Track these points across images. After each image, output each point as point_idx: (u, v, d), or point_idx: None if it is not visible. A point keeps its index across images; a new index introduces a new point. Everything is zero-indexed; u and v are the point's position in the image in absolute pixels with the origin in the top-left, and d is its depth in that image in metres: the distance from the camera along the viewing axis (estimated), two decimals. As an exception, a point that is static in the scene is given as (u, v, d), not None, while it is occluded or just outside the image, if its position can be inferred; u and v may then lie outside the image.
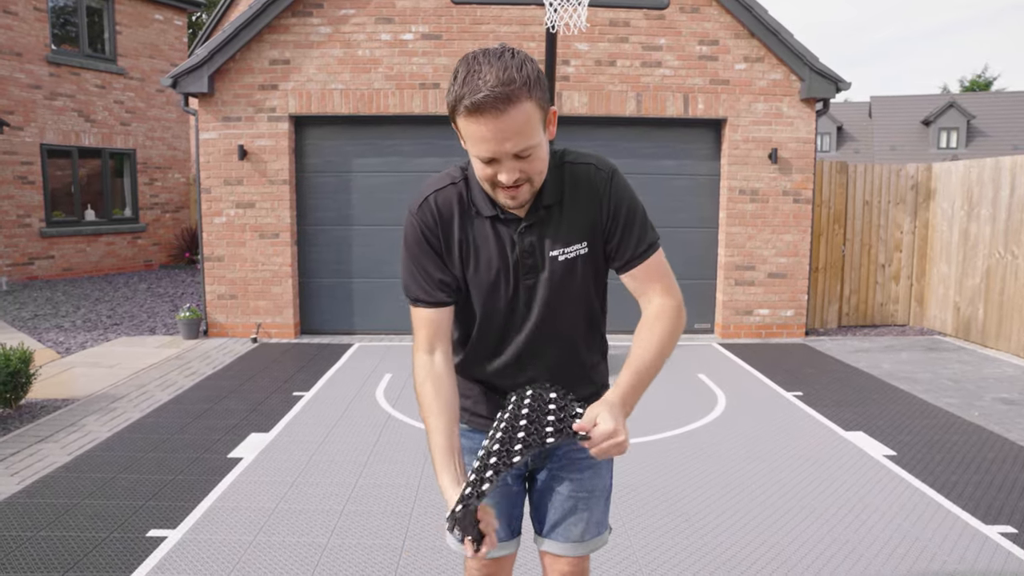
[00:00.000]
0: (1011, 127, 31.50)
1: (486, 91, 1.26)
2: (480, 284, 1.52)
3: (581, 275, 1.51)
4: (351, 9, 6.99)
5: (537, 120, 1.34)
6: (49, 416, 4.70)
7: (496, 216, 1.48)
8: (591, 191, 1.48)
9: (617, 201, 1.48)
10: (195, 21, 24.98)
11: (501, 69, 1.27)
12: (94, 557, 2.88)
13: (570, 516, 1.62)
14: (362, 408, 4.93)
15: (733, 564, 2.88)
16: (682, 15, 7.07)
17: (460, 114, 1.32)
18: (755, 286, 7.37)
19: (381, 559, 2.91)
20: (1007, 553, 2.96)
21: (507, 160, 1.34)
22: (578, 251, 1.49)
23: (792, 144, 7.23)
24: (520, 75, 1.29)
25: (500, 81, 1.27)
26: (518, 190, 1.39)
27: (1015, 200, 6.62)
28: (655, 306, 1.50)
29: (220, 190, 7.11)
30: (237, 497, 3.48)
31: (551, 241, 1.48)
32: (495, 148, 1.32)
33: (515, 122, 1.29)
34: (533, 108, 1.32)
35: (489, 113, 1.28)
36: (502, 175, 1.35)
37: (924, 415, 4.87)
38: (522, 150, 1.33)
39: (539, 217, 1.48)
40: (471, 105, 1.28)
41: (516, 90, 1.28)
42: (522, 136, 1.31)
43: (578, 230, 1.49)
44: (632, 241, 1.49)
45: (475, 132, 1.31)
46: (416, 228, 1.50)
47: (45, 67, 11.00)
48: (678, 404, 5.05)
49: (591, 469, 1.62)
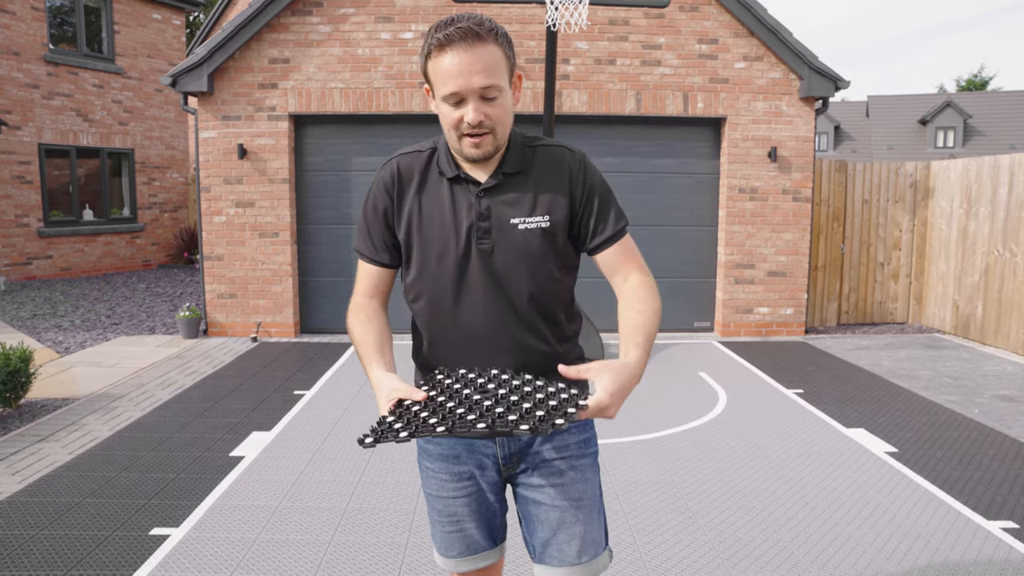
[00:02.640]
0: (1008, 126, 31.57)
1: (457, 26, 1.34)
2: (433, 243, 1.49)
3: (540, 249, 1.47)
4: (351, 8, 6.98)
5: (504, 67, 1.39)
6: (49, 415, 4.69)
7: (457, 176, 1.48)
8: (561, 170, 1.49)
9: (591, 183, 1.50)
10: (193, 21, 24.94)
11: (472, 17, 1.37)
12: (97, 555, 2.88)
13: (560, 531, 1.51)
14: (363, 406, 4.93)
15: (736, 560, 2.88)
16: (682, 14, 7.07)
17: (432, 55, 1.37)
18: (755, 284, 7.37)
19: (384, 557, 2.91)
20: (1009, 548, 2.97)
21: (473, 99, 1.36)
22: (539, 223, 1.47)
23: (791, 143, 7.23)
24: (489, 23, 1.37)
25: (472, 21, 1.35)
26: (482, 139, 1.40)
27: (1013, 198, 6.64)
28: (635, 280, 1.50)
29: (220, 189, 7.10)
30: (239, 495, 3.47)
31: (511, 208, 1.47)
32: (462, 83, 1.34)
33: (482, 59, 1.34)
34: (500, 55, 1.38)
35: (459, 45, 1.33)
36: (468, 115, 1.37)
37: (924, 412, 4.88)
38: (488, 88, 1.36)
39: (500, 182, 1.48)
40: (443, 38, 1.34)
41: (486, 32, 1.36)
42: (490, 73, 1.35)
43: (543, 204, 1.48)
44: (609, 221, 1.50)
45: (444, 68, 1.35)
46: (374, 187, 1.55)
47: (43, 66, 10.98)
48: (679, 402, 5.06)
49: (573, 471, 1.53)
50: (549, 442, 1.54)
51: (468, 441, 1.56)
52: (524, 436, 1.43)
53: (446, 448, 1.58)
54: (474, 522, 1.59)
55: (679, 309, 7.57)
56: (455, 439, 1.55)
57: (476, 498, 1.58)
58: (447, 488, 1.58)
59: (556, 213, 1.48)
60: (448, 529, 1.60)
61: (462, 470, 1.57)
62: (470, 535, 1.60)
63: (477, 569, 1.63)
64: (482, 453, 1.56)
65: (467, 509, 1.58)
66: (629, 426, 4.52)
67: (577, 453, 1.55)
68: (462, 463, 1.57)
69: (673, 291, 7.52)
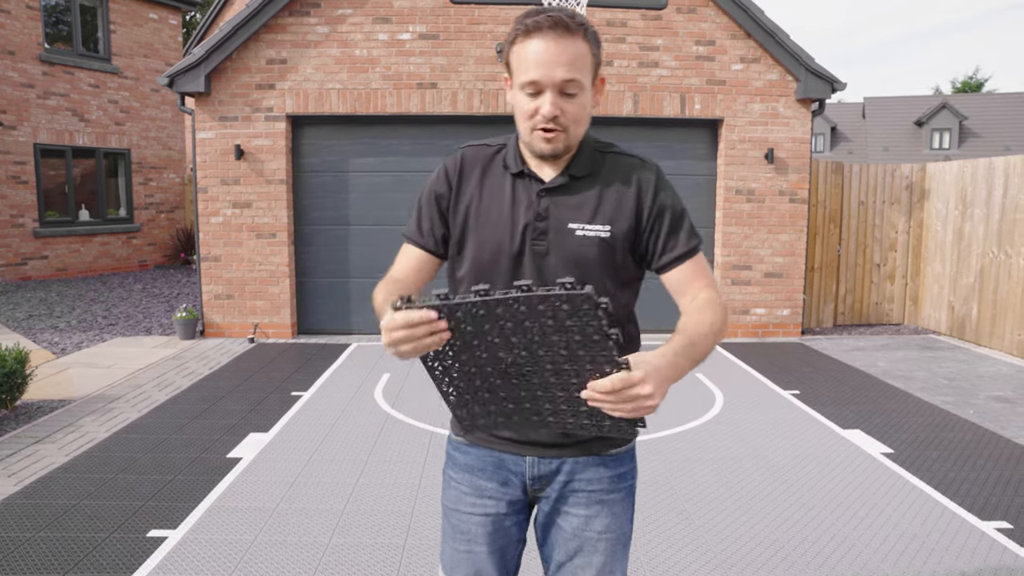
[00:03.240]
0: (1003, 128, 31.69)
1: (548, 14, 1.30)
2: (487, 238, 1.43)
3: (595, 259, 1.39)
4: (348, 9, 6.98)
5: (589, 65, 1.33)
6: (46, 417, 4.69)
7: (521, 172, 1.43)
8: (632, 181, 1.42)
9: (663, 199, 1.42)
10: (189, 20, 24.90)
11: (564, 10, 1.32)
12: (95, 558, 2.88)
13: (576, 557, 1.45)
14: (361, 408, 4.93)
15: (733, 561, 2.89)
16: (679, 15, 7.09)
17: (517, 40, 1.32)
18: (751, 286, 7.39)
19: (382, 558, 2.91)
20: (1003, 548, 2.98)
21: (553, 92, 1.31)
22: (599, 232, 1.39)
23: (788, 144, 7.26)
24: (580, 18, 1.32)
25: (564, 13, 1.30)
26: (555, 135, 1.34)
27: (1008, 200, 6.67)
28: (703, 298, 1.40)
29: (217, 190, 7.09)
30: (237, 497, 3.47)
31: (572, 213, 1.40)
32: (545, 72, 1.30)
33: (569, 51, 1.30)
34: (587, 52, 1.33)
35: (548, 33, 1.29)
36: (545, 107, 1.32)
37: (920, 413, 4.90)
38: (569, 82, 1.31)
39: (565, 183, 1.41)
40: (532, 24, 1.30)
41: (576, 25, 1.31)
42: (573, 68, 1.30)
43: (605, 213, 1.40)
44: (680, 239, 1.42)
45: (528, 55, 1.31)
46: (435, 174, 1.51)
47: (38, 66, 10.95)
48: (676, 403, 5.07)
49: (600, 505, 1.45)
50: (583, 472, 1.45)
51: (496, 455, 1.48)
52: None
53: (474, 459, 1.50)
54: (486, 547, 1.48)
55: (676, 310, 7.56)
56: (485, 450, 1.48)
57: (493, 521, 1.48)
58: (465, 502, 1.50)
59: (618, 224, 1.40)
60: (458, 547, 1.50)
61: (485, 485, 1.49)
62: (479, 560, 1.48)
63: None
64: (509, 470, 1.47)
65: (481, 530, 1.48)
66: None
67: (609, 487, 1.47)
68: (488, 477, 1.48)
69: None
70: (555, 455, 1.44)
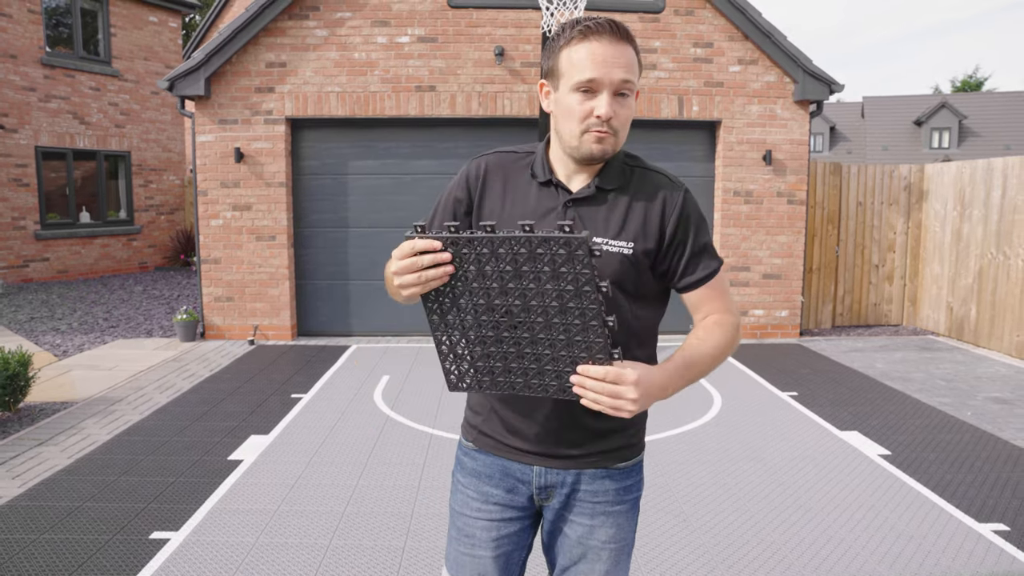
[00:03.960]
0: (1002, 127, 31.70)
1: (600, 21, 1.33)
2: None
3: (616, 275, 1.37)
4: (347, 12, 7.01)
5: (637, 73, 1.37)
6: (48, 419, 4.71)
7: (549, 181, 1.43)
8: (658, 200, 1.41)
9: (688, 219, 1.42)
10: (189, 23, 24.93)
11: (613, 20, 1.36)
12: (98, 559, 2.90)
13: (581, 563, 1.48)
14: (361, 410, 4.96)
15: (731, 563, 2.91)
16: (676, 18, 7.12)
17: (573, 42, 1.34)
18: (750, 287, 7.42)
19: (382, 560, 2.94)
20: (1000, 550, 3.01)
21: (609, 93, 1.33)
22: (622, 249, 1.38)
23: (786, 146, 7.28)
24: (629, 30, 1.37)
25: (613, 22, 1.35)
26: (606, 135, 1.35)
27: (1006, 201, 6.69)
28: (715, 317, 1.44)
29: (217, 192, 7.12)
30: (239, 499, 3.50)
31: (597, 225, 1.39)
32: (603, 71, 1.31)
33: (625, 56, 1.33)
34: (636, 61, 1.36)
35: (606, 37, 1.32)
36: (601, 107, 1.32)
37: (918, 414, 4.92)
38: (625, 84, 1.33)
39: (592, 195, 1.40)
40: (592, 25, 1.32)
41: (626, 35, 1.35)
42: (629, 70, 1.34)
43: (630, 230, 1.39)
44: (701, 263, 1.43)
45: (586, 54, 1.32)
46: (457, 178, 1.51)
47: (39, 69, 10.98)
48: (675, 404, 5.09)
49: (604, 516, 1.47)
50: (588, 484, 1.47)
51: (503, 463, 1.49)
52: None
53: (481, 465, 1.52)
54: (490, 552, 1.50)
55: (674, 312, 7.55)
56: (493, 457, 1.50)
57: (497, 527, 1.50)
58: (470, 507, 1.52)
59: (642, 243, 1.39)
60: (462, 550, 1.52)
61: (491, 492, 1.50)
62: (483, 564, 1.50)
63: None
64: (516, 478, 1.49)
65: (485, 535, 1.50)
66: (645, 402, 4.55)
67: (615, 499, 1.48)
68: (494, 484, 1.50)
69: (669, 293, 7.55)
70: (562, 466, 1.45)
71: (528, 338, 1.21)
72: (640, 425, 1.51)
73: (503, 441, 1.48)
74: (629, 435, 1.48)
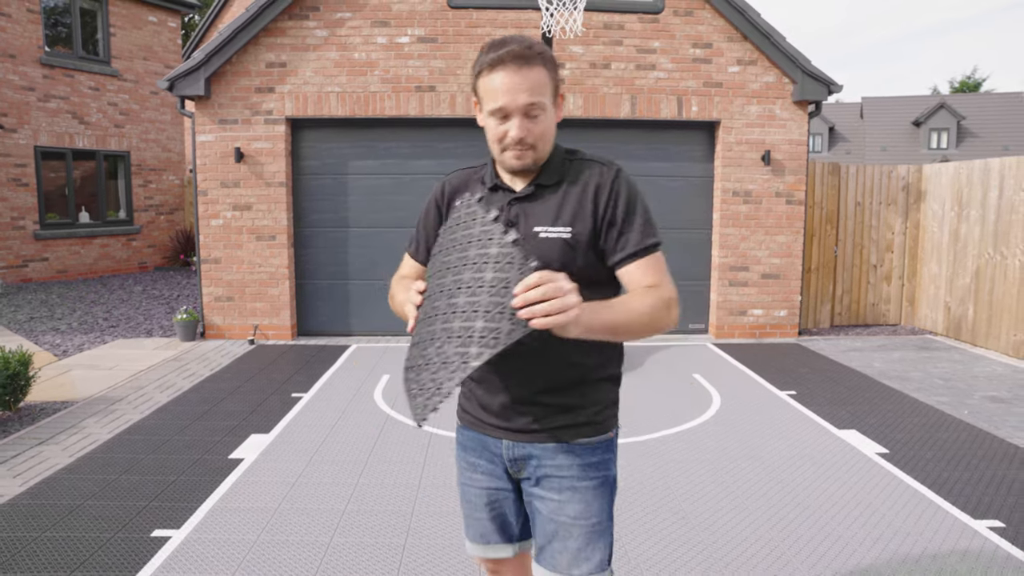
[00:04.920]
0: (1001, 128, 31.75)
1: (508, 48, 1.46)
2: None
3: (560, 260, 1.48)
4: (347, 12, 7.03)
5: (548, 88, 1.50)
6: (49, 418, 4.72)
7: (495, 185, 1.59)
8: (591, 184, 1.53)
9: (618, 195, 1.52)
10: (189, 22, 24.93)
11: (522, 40, 1.49)
12: (100, 557, 2.92)
13: (554, 541, 1.57)
14: (361, 409, 4.97)
15: (728, 560, 2.93)
16: (676, 18, 7.14)
17: (483, 73, 1.49)
18: (749, 287, 7.44)
19: (383, 558, 2.95)
20: (995, 547, 3.03)
21: (518, 115, 1.47)
22: (560, 234, 1.50)
23: (785, 146, 7.30)
24: (538, 47, 1.50)
25: (521, 45, 1.47)
26: (524, 152, 1.50)
27: (1003, 201, 6.72)
28: (646, 286, 1.49)
29: (217, 192, 7.13)
30: (239, 497, 3.51)
31: (537, 218, 1.53)
32: (508, 100, 1.46)
33: (529, 79, 1.46)
34: (546, 77, 1.49)
35: (509, 66, 1.45)
36: (512, 130, 1.47)
37: (915, 413, 4.95)
38: (532, 106, 1.47)
39: (531, 193, 1.55)
40: (495, 59, 1.46)
41: (534, 55, 1.47)
42: (534, 93, 1.46)
43: (566, 215, 1.51)
44: (631, 236, 1.50)
45: (493, 86, 1.47)
46: (428, 200, 1.73)
47: (39, 69, 10.98)
48: (674, 403, 5.11)
49: (571, 491, 1.56)
50: (552, 459, 1.57)
51: (481, 437, 1.65)
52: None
53: (467, 440, 1.69)
54: (486, 514, 1.68)
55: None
56: (473, 432, 1.67)
57: (488, 494, 1.67)
58: (466, 476, 1.71)
59: (578, 225, 1.51)
60: (466, 512, 1.74)
61: (477, 462, 1.68)
62: (483, 524, 1.70)
63: (491, 559, 1.73)
64: (492, 451, 1.64)
65: (479, 500, 1.68)
66: (623, 428, 4.58)
67: (579, 475, 1.56)
68: (477, 455, 1.67)
69: (668, 293, 7.57)
70: (527, 440, 1.58)
71: (462, 303, 1.33)
72: (603, 403, 1.59)
73: (479, 417, 1.64)
74: (590, 413, 1.57)
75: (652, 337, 7.42)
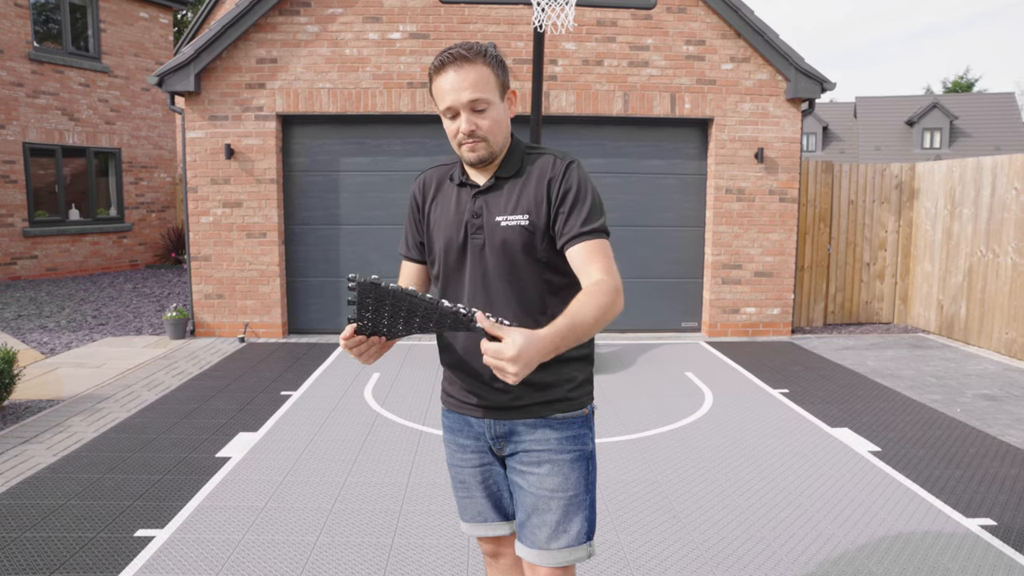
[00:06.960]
0: (993, 127, 31.90)
1: (450, 51, 1.58)
2: (441, 238, 1.71)
3: (520, 246, 1.61)
4: (338, 8, 6.97)
5: (493, 84, 1.60)
6: (34, 417, 4.66)
7: (463, 181, 1.70)
8: (546, 174, 1.64)
9: (568, 183, 1.62)
10: (181, 19, 24.79)
11: (467, 44, 1.60)
12: (81, 558, 2.87)
13: (533, 516, 1.64)
14: (350, 407, 4.93)
15: (720, 559, 2.90)
16: (669, 15, 7.11)
17: (432, 78, 1.61)
18: (742, 285, 7.42)
19: (371, 557, 2.91)
20: (986, 544, 3.01)
21: (465, 112, 1.58)
22: (519, 222, 1.62)
23: (778, 144, 7.29)
24: (480, 48, 1.59)
25: (463, 47, 1.58)
26: (476, 144, 1.60)
27: (996, 200, 6.72)
28: (594, 280, 1.55)
29: (207, 189, 7.07)
30: (225, 496, 3.47)
31: (498, 208, 1.64)
32: (454, 98, 1.57)
33: (470, 77, 1.56)
34: (489, 74, 1.59)
35: (451, 66, 1.57)
36: (462, 125, 1.58)
37: (908, 411, 4.93)
38: (476, 101, 1.57)
39: (492, 186, 1.67)
40: (438, 63, 1.58)
41: (475, 55, 1.58)
42: (477, 89, 1.57)
43: (524, 204, 1.63)
44: (578, 220, 1.59)
45: (441, 87, 1.58)
46: (409, 197, 1.83)
47: (27, 64, 10.89)
48: (666, 401, 5.09)
49: (550, 464, 1.64)
50: (531, 434, 1.66)
51: (465, 418, 1.74)
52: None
53: (452, 422, 1.77)
54: (480, 492, 1.76)
55: (666, 309, 7.61)
56: (457, 414, 1.75)
57: (481, 471, 1.75)
58: (456, 457, 1.78)
59: (535, 213, 1.63)
60: (460, 494, 1.80)
61: (465, 443, 1.75)
62: (478, 503, 1.77)
63: (489, 537, 1.81)
64: (475, 430, 1.73)
65: (472, 479, 1.76)
66: (615, 426, 4.54)
67: (557, 448, 1.65)
68: (464, 436, 1.75)
69: (660, 291, 7.56)
70: (505, 417, 1.67)
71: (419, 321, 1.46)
72: (576, 381, 1.68)
73: (461, 399, 1.73)
74: (564, 390, 1.66)
75: (644, 335, 7.41)
